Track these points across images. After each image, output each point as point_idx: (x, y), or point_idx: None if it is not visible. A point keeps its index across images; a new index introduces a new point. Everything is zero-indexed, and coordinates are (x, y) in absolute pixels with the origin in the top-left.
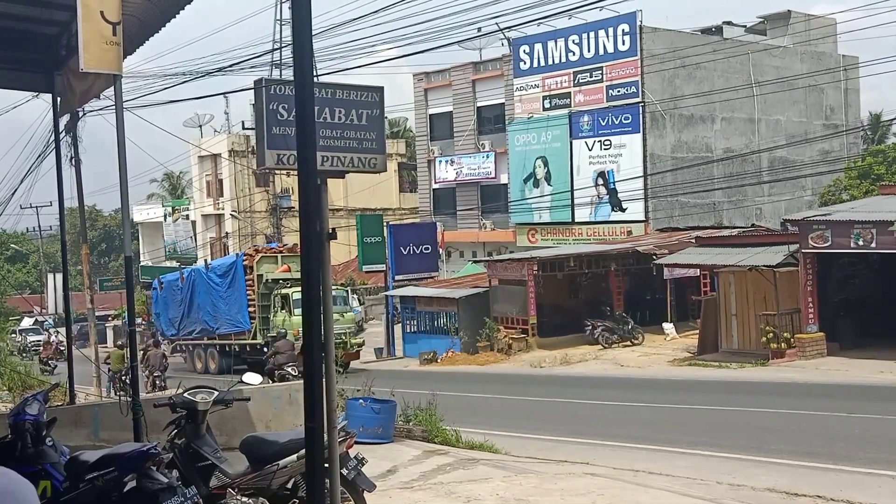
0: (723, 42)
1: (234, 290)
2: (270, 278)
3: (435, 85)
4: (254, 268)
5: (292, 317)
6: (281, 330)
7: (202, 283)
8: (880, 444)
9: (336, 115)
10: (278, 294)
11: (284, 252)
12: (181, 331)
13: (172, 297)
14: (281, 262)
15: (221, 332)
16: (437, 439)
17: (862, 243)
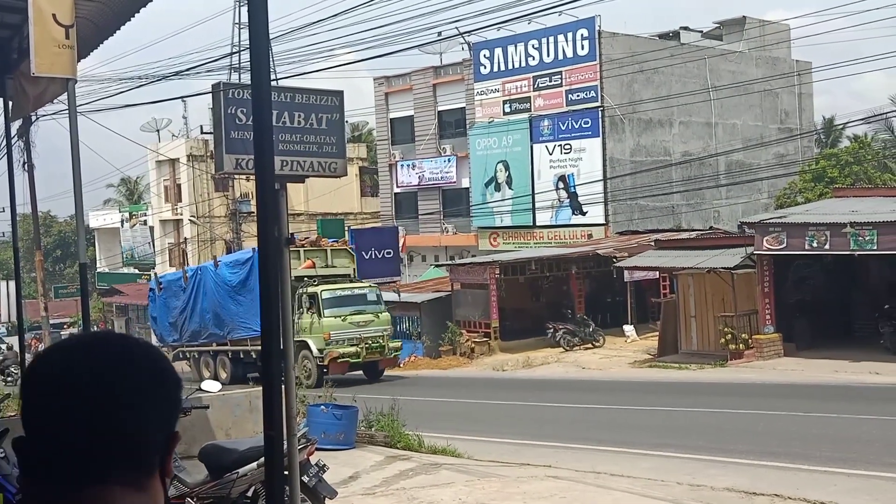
0: (680, 47)
1: (249, 290)
2: (294, 276)
3: (396, 89)
4: None
5: (323, 318)
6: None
7: (210, 282)
8: (836, 443)
9: (295, 119)
10: (304, 293)
11: (306, 246)
12: (184, 336)
13: (174, 298)
14: (304, 258)
15: (234, 338)
16: (399, 444)
17: (816, 245)
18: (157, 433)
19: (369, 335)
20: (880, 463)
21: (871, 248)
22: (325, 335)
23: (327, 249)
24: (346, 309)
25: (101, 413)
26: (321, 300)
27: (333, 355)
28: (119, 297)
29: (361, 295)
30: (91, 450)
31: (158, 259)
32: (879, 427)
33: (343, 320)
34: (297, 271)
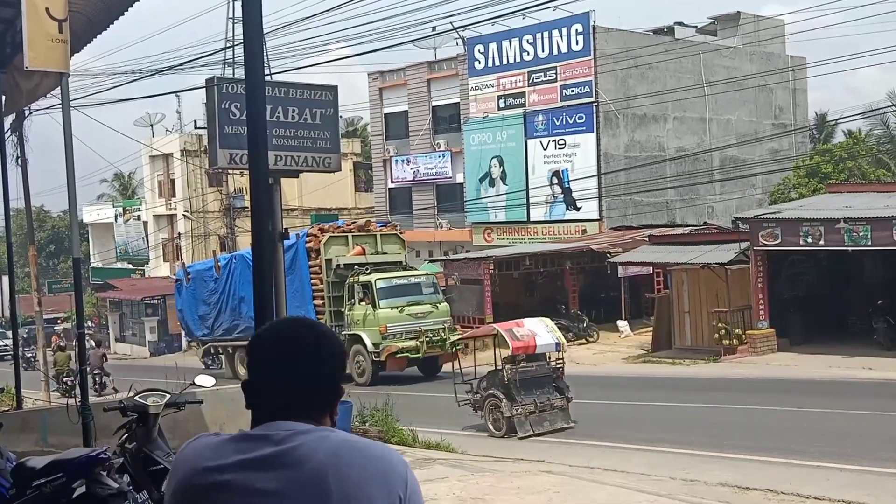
0: (674, 42)
1: (293, 280)
2: (342, 263)
3: (390, 84)
4: (320, 251)
5: (378, 310)
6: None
7: (247, 270)
8: (829, 438)
9: (289, 114)
10: (356, 282)
11: (354, 231)
12: (216, 330)
13: (203, 290)
14: (352, 244)
15: None
16: (393, 439)
17: (810, 241)
18: (335, 385)
19: (429, 327)
20: (873, 458)
21: (865, 244)
22: (381, 328)
23: (377, 235)
24: (403, 299)
25: (312, 365)
26: (376, 290)
27: (391, 350)
28: (113, 292)
29: (418, 284)
30: (299, 389)
31: (152, 254)
32: (872, 422)
33: (400, 312)
34: (346, 258)
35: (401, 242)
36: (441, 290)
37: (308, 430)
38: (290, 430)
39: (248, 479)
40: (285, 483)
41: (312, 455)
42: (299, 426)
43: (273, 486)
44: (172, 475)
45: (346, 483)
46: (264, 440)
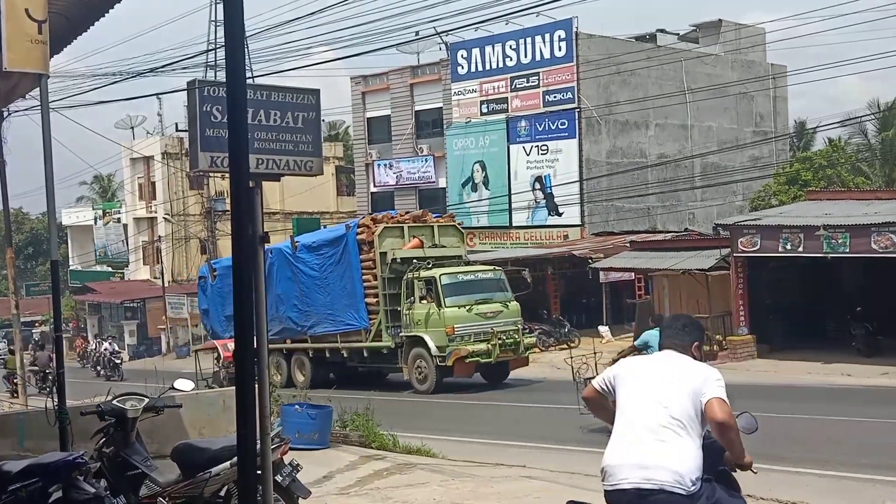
0: (656, 49)
1: (341, 275)
2: (399, 257)
3: (373, 88)
4: (374, 243)
5: (445, 309)
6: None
7: (285, 266)
8: (808, 444)
9: (271, 117)
10: (416, 278)
11: (409, 222)
12: None
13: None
14: (408, 236)
15: (317, 333)
16: (374, 444)
17: (790, 247)
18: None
19: (501, 329)
20: (852, 464)
21: (844, 251)
22: (447, 329)
23: (434, 226)
24: (471, 297)
25: (692, 324)
26: (441, 286)
27: (461, 354)
28: (92, 294)
29: (487, 280)
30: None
31: (132, 257)
32: (851, 428)
33: (469, 311)
34: (402, 252)
35: (459, 234)
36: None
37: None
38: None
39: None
40: None
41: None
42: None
43: None
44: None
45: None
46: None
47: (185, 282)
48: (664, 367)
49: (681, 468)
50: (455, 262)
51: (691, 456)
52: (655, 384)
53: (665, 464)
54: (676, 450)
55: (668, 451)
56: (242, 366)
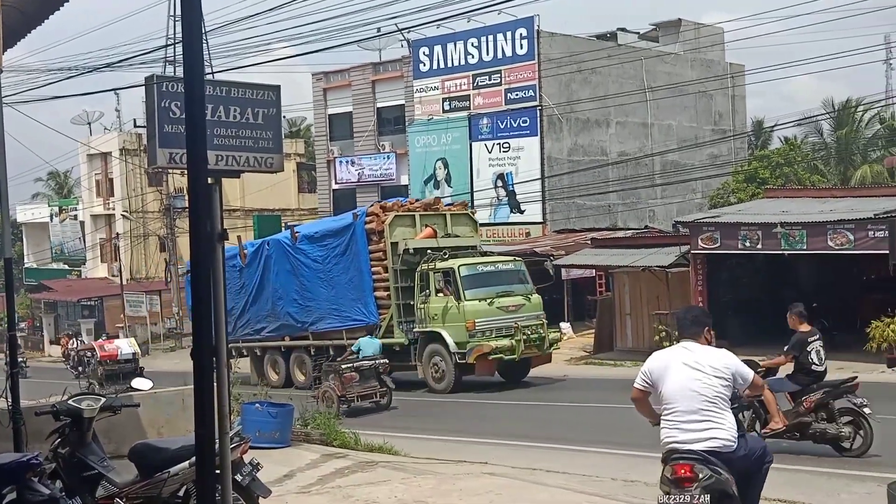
0: (617, 48)
1: (347, 267)
2: (412, 248)
3: (334, 85)
4: (384, 233)
5: (464, 302)
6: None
7: (283, 259)
8: None
9: (231, 113)
10: (432, 269)
11: (420, 210)
12: (241, 328)
13: (225, 282)
14: (420, 225)
15: (319, 329)
16: (335, 442)
17: (748, 244)
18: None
19: (525, 323)
20: (808, 458)
21: (801, 248)
22: (468, 324)
23: (446, 214)
24: (492, 289)
25: (701, 314)
26: (460, 278)
27: (483, 350)
28: (47, 293)
29: (508, 271)
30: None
31: (89, 254)
32: None
33: (490, 304)
34: (415, 242)
35: (473, 224)
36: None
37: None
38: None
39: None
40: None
41: None
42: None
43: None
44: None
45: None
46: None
47: (145, 280)
48: (691, 357)
49: (726, 435)
50: (469, 253)
51: (728, 424)
52: (689, 374)
53: (716, 435)
54: (718, 423)
55: (718, 428)
56: (201, 365)
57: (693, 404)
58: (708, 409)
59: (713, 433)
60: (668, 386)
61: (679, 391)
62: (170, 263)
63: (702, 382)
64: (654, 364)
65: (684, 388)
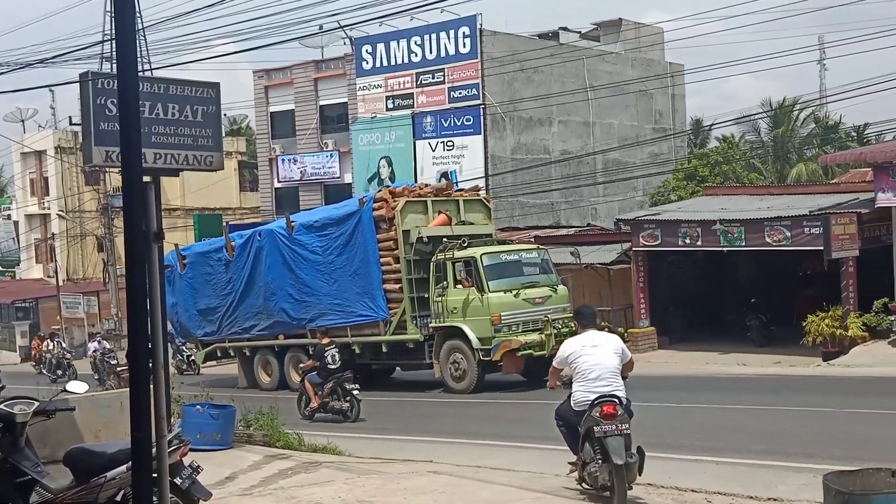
0: (559, 47)
1: (352, 259)
2: (426, 236)
3: (276, 83)
4: (395, 220)
5: (488, 294)
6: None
7: (277, 250)
8: (706, 432)
9: (169, 110)
10: (451, 259)
11: (431, 195)
12: (227, 327)
13: (208, 277)
14: (432, 211)
15: (319, 326)
16: (278, 443)
17: (688, 241)
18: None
19: (554, 316)
20: (747, 451)
21: (739, 245)
22: (493, 318)
23: (459, 200)
24: (517, 280)
25: (595, 310)
26: (483, 268)
27: (511, 346)
28: None
29: (531, 260)
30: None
31: (24, 255)
32: (746, 416)
33: (516, 296)
34: (429, 230)
35: (486, 210)
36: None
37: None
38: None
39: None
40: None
41: None
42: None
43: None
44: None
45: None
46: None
47: (82, 280)
48: (599, 340)
49: (622, 391)
50: (487, 241)
51: (621, 384)
52: (598, 353)
53: (618, 390)
54: (619, 385)
55: (617, 385)
56: (137, 367)
57: (602, 373)
58: (611, 375)
59: (616, 389)
60: (583, 361)
61: (593, 364)
62: (108, 264)
63: (609, 359)
64: (571, 347)
65: (598, 362)
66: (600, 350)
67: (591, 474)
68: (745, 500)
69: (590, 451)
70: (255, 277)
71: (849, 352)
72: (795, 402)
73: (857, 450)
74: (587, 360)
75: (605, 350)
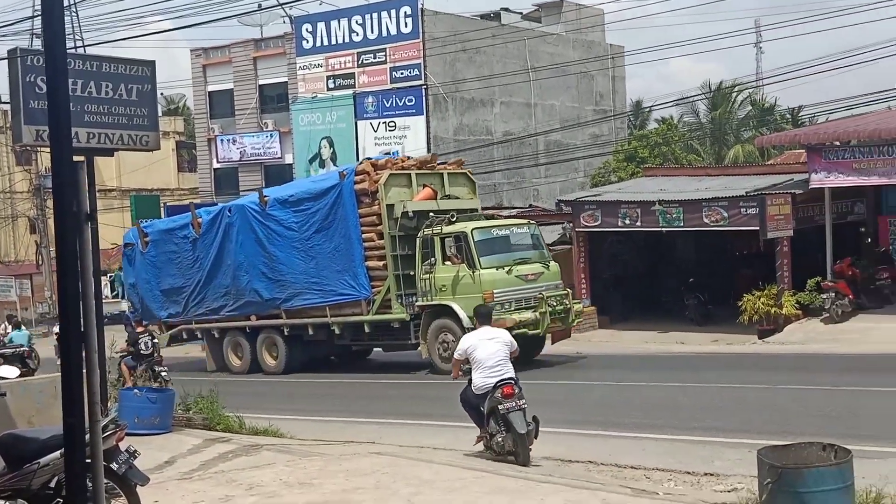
0: (501, 28)
1: (333, 234)
2: (411, 210)
3: (214, 61)
4: (378, 193)
5: (480, 271)
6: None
7: (249, 227)
8: (645, 410)
9: (103, 89)
10: (438, 234)
11: (415, 168)
12: (193, 308)
13: (172, 255)
14: (417, 184)
15: (295, 307)
16: (219, 427)
17: (628, 222)
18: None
19: (549, 293)
20: (685, 427)
21: (678, 225)
22: (485, 295)
23: (444, 173)
24: (508, 256)
25: (490, 310)
26: (474, 243)
27: (506, 325)
28: None
29: (522, 235)
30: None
31: None
32: (684, 393)
33: (508, 273)
34: (415, 204)
35: (471, 184)
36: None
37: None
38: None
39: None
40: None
41: None
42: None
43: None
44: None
45: None
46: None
47: (14, 263)
48: (493, 335)
49: (513, 374)
50: (474, 216)
51: (512, 368)
52: (492, 345)
53: (511, 374)
54: (511, 369)
55: (508, 371)
56: (69, 350)
57: (497, 361)
58: (504, 362)
59: (509, 372)
60: (480, 352)
61: (489, 355)
62: (41, 246)
63: (501, 349)
64: (470, 341)
65: (492, 353)
66: (494, 343)
67: (498, 443)
68: (682, 475)
69: (495, 425)
70: (224, 255)
71: (783, 329)
72: (732, 379)
73: (791, 425)
74: (484, 352)
75: (498, 342)
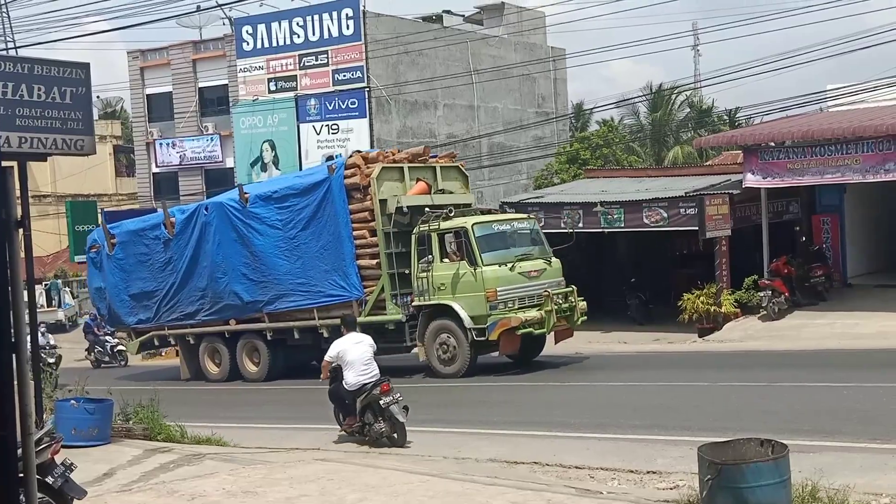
0: (443, 30)
1: (321, 232)
2: (405, 206)
3: (152, 64)
4: (370, 188)
5: (482, 268)
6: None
7: (228, 226)
8: (588, 410)
9: (35, 92)
10: (438, 231)
11: (407, 161)
12: (164, 313)
13: (142, 258)
14: (409, 178)
15: (279, 309)
16: (160, 436)
17: (570, 223)
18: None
19: (554, 291)
20: (629, 426)
21: (619, 226)
22: (488, 294)
23: (436, 167)
24: (510, 252)
25: (356, 317)
26: (475, 239)
27: (510, 324)
28: None
29: (523, 230)
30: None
31: None
32: (627, 392)
33: (511, 270)
34: (409, 199)
35: (464, 178)
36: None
37: None
38: None
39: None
40: None
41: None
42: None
43: None
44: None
45: None
46: None
47: None
48: (360, 339)
49: (378, 372)
50: (470, 212)
51: (377, 367)
52: (360, 347)
53: (377, 372)
54: (377, 368)
55: (375, 369)
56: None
57: (365, 361)
58: (370, 362)
59: (377, 371)
60: (351, 355)
61: (359, 357)
62: None
63: (367, 351)
64: (342, 346)
65: (361, 355)
66: (361, 346)
67: (376, 431)
68: (626, 473)
69: (371, 416)
70: (199, 257)
71: (722, 327)
72: (673, 377)
73: (730, 421)
74: (354, 354)
75: (365, 345)
